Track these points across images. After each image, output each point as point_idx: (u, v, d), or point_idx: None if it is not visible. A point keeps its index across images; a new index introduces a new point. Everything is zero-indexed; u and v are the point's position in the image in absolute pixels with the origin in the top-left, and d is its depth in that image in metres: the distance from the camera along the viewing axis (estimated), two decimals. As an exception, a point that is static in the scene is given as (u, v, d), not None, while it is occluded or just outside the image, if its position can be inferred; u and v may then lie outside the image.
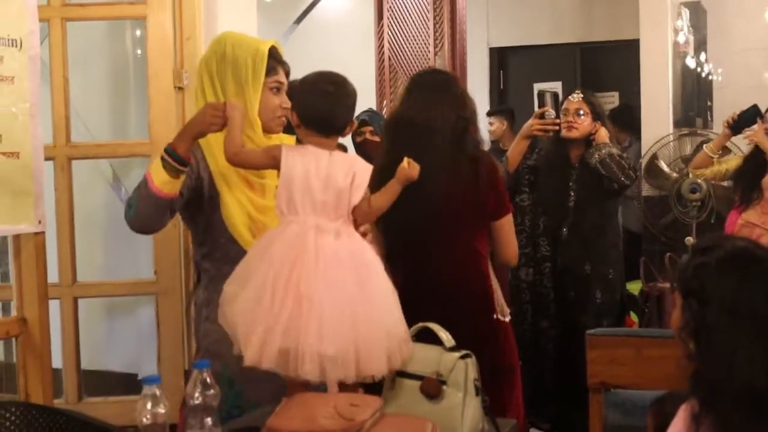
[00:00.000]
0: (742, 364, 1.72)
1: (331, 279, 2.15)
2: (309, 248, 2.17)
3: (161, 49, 3.95)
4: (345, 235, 2.24)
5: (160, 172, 2.46)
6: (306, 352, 2.09)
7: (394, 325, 2.22)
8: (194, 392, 1.91)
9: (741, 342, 1.73)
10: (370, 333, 2.15)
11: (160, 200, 2.48)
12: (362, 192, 2.27)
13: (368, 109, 5.12)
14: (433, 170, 2.80)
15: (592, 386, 3.43)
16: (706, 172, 5.10)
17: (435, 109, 2.98)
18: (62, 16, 3.90)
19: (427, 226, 2.97)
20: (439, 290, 2.95)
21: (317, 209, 2.24)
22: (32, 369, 3.15)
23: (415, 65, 6.84)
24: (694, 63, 7.27)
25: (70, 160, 3.96)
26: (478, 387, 2.22)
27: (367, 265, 2.23)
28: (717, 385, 1.73)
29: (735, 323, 1.75)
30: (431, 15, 6.79)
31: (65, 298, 4.01)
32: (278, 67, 2.65)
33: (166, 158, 2.46)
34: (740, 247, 1.85)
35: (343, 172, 2.26)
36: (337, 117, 2.35)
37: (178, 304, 4.03)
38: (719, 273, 1.80)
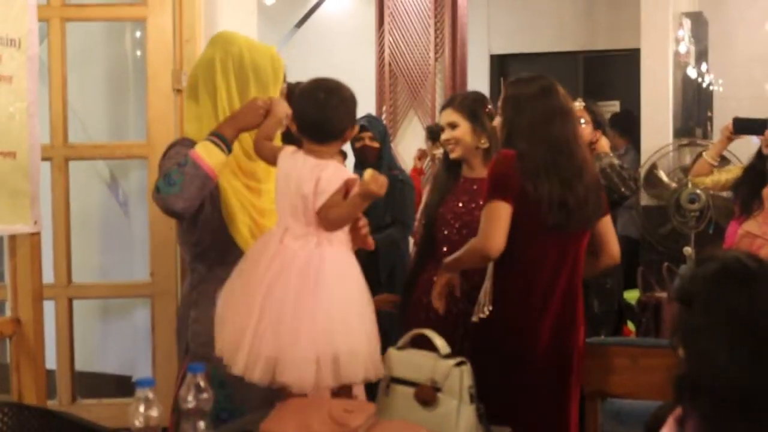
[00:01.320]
0: (724, 363, 1.73)
1: (278, 282, 2.17)
2: (270, 249, 2.20)
3: (160, 51, 3.94)
4: (313, 241, 2.23)
5: (215, 152, 2.45)
6: (239, 349, 2.17)
7: (336, 337, 2.17)
8: (187, 396, 1.90)
9: (722, 342, 1.74)
10: (298, 342, 2.13)
11: (209, 180, 2.47)
12: (323, 198, 2.23)
13: (367, 115, 5.10)
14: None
15: (589, 395, 3.43)
16: (706, 181, 5.07)
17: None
18: (62, 16, 3.89)
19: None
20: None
21: (292, 213, 2.26)
22: (26, 370, 3.14)
23: (416, 70, 6.84)
24: (694, 73, 7.27)
25: (67, 160, 3.95)
26: (473, 395, 2.21)
27: (319, 274, 2.19)
28: (699, 385, 1.74)
29: (716, 324, 1.76)
30: (432, 21, 6.80)
31: (60, 298, 4.00)
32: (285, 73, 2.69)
33: (217, 141, 2.47)
34: (732, 257, 1.85)
35: (308, 177, 2.24)
36: (330, 124, 2.32)
37: (173, 306, 4.01)
38: (705, 278, 1.82)
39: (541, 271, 3.05)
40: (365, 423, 1.93)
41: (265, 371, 2.13)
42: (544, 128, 3.03)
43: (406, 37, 6.82)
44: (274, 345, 2.13)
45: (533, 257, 3.05)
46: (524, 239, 3.02)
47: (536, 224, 3.01)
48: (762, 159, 4.64)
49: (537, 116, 3.04)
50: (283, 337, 2.14)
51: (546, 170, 2.99)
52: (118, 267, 4.43)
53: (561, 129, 3.05)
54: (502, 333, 3.03)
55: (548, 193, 2.98)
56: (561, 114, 3.08)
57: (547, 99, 3.08)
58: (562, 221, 3.02)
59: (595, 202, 3.11)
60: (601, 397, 3.49)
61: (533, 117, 3.04)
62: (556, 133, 3.04)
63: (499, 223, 2.96)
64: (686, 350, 1.81)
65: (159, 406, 1.83)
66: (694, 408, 1.75)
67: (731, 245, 4.59)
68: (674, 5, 6.84)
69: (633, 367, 3.32)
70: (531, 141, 3.01)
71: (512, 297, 3.06)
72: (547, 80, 3.17)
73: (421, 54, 6.82)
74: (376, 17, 6.96)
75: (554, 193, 2.98)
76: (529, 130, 3.03)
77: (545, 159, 3.00)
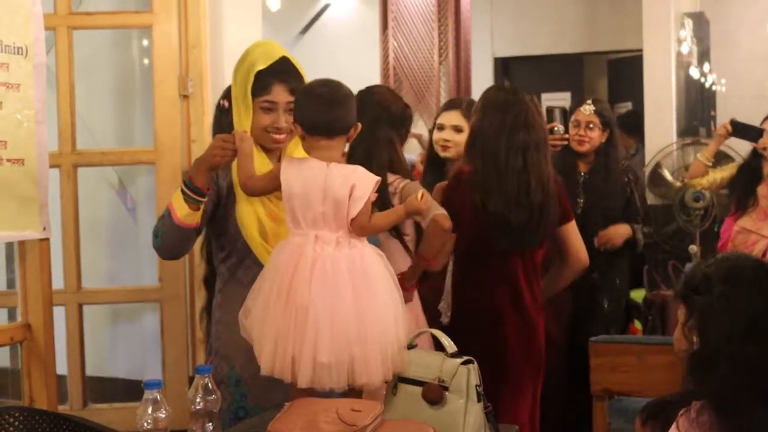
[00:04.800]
0: (741, 345, 1.78)
1: (328, 288, 2.16)
2: (307, 258, 2.19)
3: (167, 58, 3.98)
4: (346, 245, 2.24)
5: (182, 206, 2.51)
6: (300, 360, 2.11)
7: (389, 333, 2.21)
8: (196, 397, 1.93)
9: (739, 326, 1.80)
10: (364, 342, 2.15)
11: (183, 231, 2.55)
12: (361, 204, 2.24)
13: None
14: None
15: (596, 393, 3.43)
16: (703, 182, 5.10)
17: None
18: (69, 24, 3.93)
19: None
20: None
21: (318, 221, 2.24)
22: (36, 375, 3.17)
23: (420, 74, 6.86)
24: (697, 73, 7.28)
25: (75, 167, 3.99)
26: (480, 393, 2.22)
27: (366, 273, 2.22)
28: (713, 366, 1.79)
29: (734, 309, 1.82)
30: (436, 24, 6.81)
31: (70, 304, 4.03)
32: (272, 86, 2.62)
33: (186, 191, 2.51)
34: (743, 255, 1.94)
35: (339, 183, 2.25)
36: (337, 117, 2.33)
37: (182, 310, 4.05)
38: (724, 269, 1.89)
39: (495, 288, 3.21)
40: (373, 422, 1.95)
41: (337, 377, 2.14)
42: (501, 138, 3.12)
43: (410, 41, 6.83)
44: (341, 349, 2.14)
45: (487, 276, 3.21)
46: (478, 259, 3.19)
47: (486, 246, 3.16)
48: (757, 156, 4.68)
49: (496, 126, 3.13)
50: (349, 339, 2.15)
51: (494, 183, 3.11)
52: (127, 272, 4.46)
53: (518, 141, 3.13)
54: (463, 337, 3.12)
55: (494, 209, 3.10)
56: (522, 127, 3.15)
57: (508, 111, 3.16)
58: (506, 245, 3.17)
59: (546, 218, 3.21)
60: (609, 395, 3.50)
61: (493, 126, 3.14)
62: (514, 143, 3.12)
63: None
64: (702, 334, 1.86)
65: (167, 408, 1.85)
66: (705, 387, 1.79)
67: (727, 241, 4.64)
68: (675, 6, 6.85)
69: (640, 364, 3.32)
70: (486, 151, 3.13)
71: (470, 309, 3.22)
72: (514, 92, 3.28)
73: (425, 57, 6.83)
74: (379, 21, 6.98)
75: (498, 210, 3.10)
76: (489, 139, 3.13)
77: (495, 171, 3.11)
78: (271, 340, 2.15)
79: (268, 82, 2.61)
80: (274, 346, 2.15)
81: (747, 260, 1.96)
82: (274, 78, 2.61)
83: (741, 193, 4.71)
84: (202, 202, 2.53)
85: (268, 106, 2.61)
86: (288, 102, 2.60)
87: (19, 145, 2.99)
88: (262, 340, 2.18)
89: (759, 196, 4.58)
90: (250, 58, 2.64)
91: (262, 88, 2.60)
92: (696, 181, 5.15)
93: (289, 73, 2.64)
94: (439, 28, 6.87)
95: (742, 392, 1.75)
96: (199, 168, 2.54)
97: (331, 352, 2.11)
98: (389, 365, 2.19)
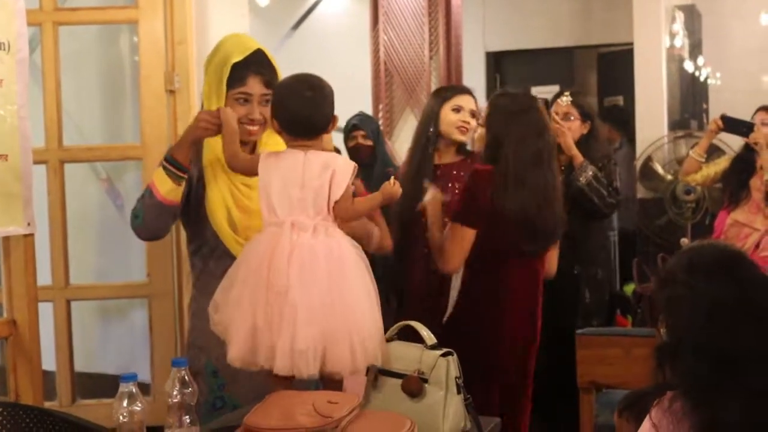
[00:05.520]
0: (704, 329, 1.79)
1: (305, 274, 2.16)
2: (284, 246, 2.19)
3: (153, 53, 3.97)
4: (322, 232, 2.25)
5: (165, 181, 2.53)
6: (278, 347, 2.12)
7: (364, 322, 2.21)
8: (173, 390, 1.93)
9: (702, 309, 1.82)
10: (335, 330, 2.16)
11: (165, 207, 2.57)
12: (342, 189, 2.25)
13: (359, 113, 5.12)
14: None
15: (582, 386, 3.45)
16: (697, 177, 5.11)
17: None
18: (54, 20, 3.92)
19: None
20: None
21: (294, 208, 2.25)
22: (22, 371, 3.16)
23: (411, 69, 6.85)
24: (689, 66, 7.28)
25: (62, 163, 3.98)
26: (460, 385, 2.23)
27: (342, 261, 2.23)
28: (679, 352, 1.81)
29: (695, 294, 1.85)
30: (426, 19, 6.81)
31: (58, 300, 4.03)
32: (247, 78, 2.62)
33: (167, 166, 2.52)
34: (702, 245, 1.96)
35: (318, 169, 2.26)
36: (319, 120, 2.34)
37: (170, 306, 4.05)
38: (685, 257, 1.91)
39: (510, 291, 3.23)
40: (349, 414, 1.95)
41: (313, 364, 2.14)
42: (528, 142, 3.16)
43: (401, 35, 6.82)
44: (317, 336, 2.15)
45: (503, 277, 3.22)
46: (495, 260, 3.19)
47: (507, 247, 3.18)
48: (749, 150, 4.69)
49: (523, 129, 3.17)
50: (325, 326, 2.15)
51: (521, 183, 3.13)
52: (116, 268, 4.46)
53: (543, 144, 3.19)
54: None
55: (520, 209, 3.12)
56: (544, 130, 3.23)
57: (532, 114, 3.22)
58: (531, 247, 3.21)
59: (561, 221, 3.28)
60: (595, 387, 3.51)
61: (520, 130, 3.16)
62: (539, 146, 3.17)
63: (461, 245, 3.17)
64: (668, 321, 1.88)
65: (142, 402, 1.85)
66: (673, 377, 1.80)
67: (720, 234, 4.65)
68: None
69: (626, 357, 3.34)
70: (515, 153, 3.14)
71: (480, 308, 3.22)
72: (531, 97, 3.35)
73: (415, 52, 6.83)
74: (370, 16, 6.98)
75: (526, 209, 3.12)
76: (515, 143, 3.15)
77: (524, 171, 3.14)
78: (247, 330, 2.15)
79: (243, 74, 2.61)
80: (250, 335, 2.15)
81: (710, 248, 1.97)
82: (249, 70, 2.62)
83: (734, 187, 4.73)
84: (183, 177, 2.55)
85: (244, 98, 2.62)
86: (263, 94, 2.61)
87: (3, 141, 2.98)
88: (237, 330, 2.18)
89: (752, 189, 4.59)
90: (224, 50, 2.65)
91: (238, 80, 2.61)
92: (690, 177, 5.16)
93: (264, 65, 2.66)
94: (429, 22, 6.87)
95: (709, 379, 1.76)
96: (182, 142, 2.58)
97: (307, 338, 2.12)
98: (360, 356, 2.19)
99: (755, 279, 1.87)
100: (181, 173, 2.54)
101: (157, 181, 2.56)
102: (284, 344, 2.12)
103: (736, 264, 1.89)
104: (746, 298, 1.82)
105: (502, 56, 9.26)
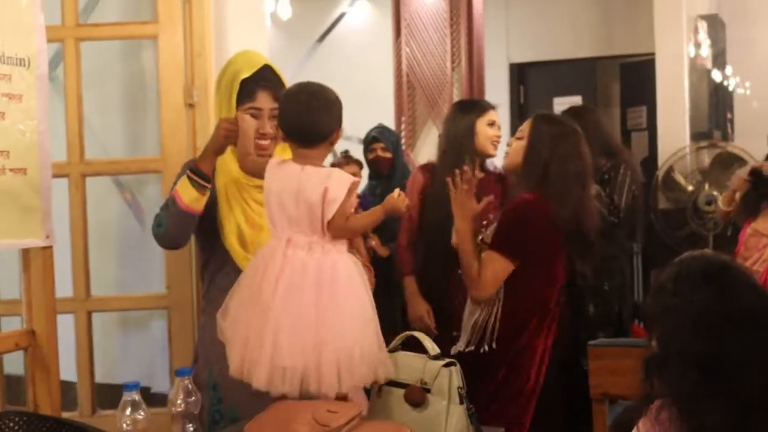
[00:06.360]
0: (691, 339, 1.81)
1: (294, 292, 2.19)
2: (276, 260, 2.22)
3: (172, 67, 4.02)
4: (318, 250, 2.26)
5: (189, 190, 2.59)
6: (259, 362, 2.14)
7: (354, 344, 2.22)
8: (176, 399, 1.96)
9: (689, 320, 1.83)
10: (319, 351, 2.17)
11: (188, 216, 2.63)
12: (336, 206, 2.26)
13: (378, 125, 5.16)
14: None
15: (595, 397, 3.44)
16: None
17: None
18: (76, 36, 3.98)
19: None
20: None
21: (292, 224, 2.28)
22: (41, 381, 3.21)
23: (433, 81, 6.88)
24: (716, 76, 7.25)
25: (83, 176, 4.04)
26: (462, 395, 2.25)
27: (334, 282, 2.23)
28: (667, 363, 1.82)
29: (682, 305, 1.86)
30: (448, 31, 6.84)
31: (79, 312, 4.08)
32: (256, 93, 2.68)
33: (192, 176, 2.58)
34: (694, 255, 1.97)
35: (312, 186, 2.28)
36: (314, 126, 2.35)
37: (189, 317, 4.09)
38: (674, 269, 1.93)
39: (545, 314, 3.40)
40: (348, 423, 1.98)
41: (291, 382, 2.17)
42: (572, 162, 3.31)
43: (423, 47, 6.86)
44: (299, 355, 2.17)
45: (543, 304, 3.39)
46: (537, 289, 3.35)
47: (549, 274, 3.38)
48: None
49: (569, 150, 3.31)
50: (307, 346, 2.18)
51: (570, 199, 3.26)
52: (136, 280, 4.51)
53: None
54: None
55: (572, 221, 3.28)
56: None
57: (574, 137, 3.36)
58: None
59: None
60: (609, 399, 3.50)
61: (566, 150, 3.30)
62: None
63: (494, 274, 3.22)
64: (657, 332, 1.90)
65: (146, 410, 1.89)
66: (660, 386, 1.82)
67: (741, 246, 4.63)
68: (688, 8, 6.84)
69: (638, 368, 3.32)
70: (565, 172, 3.28)
71: (514, 337, 3.30)
72: (569, 122, 3.49)
73: (438, 64, 6.86)
74: (392, 28, 7.02)
75: (579, 222, 3.29)
76: (562, 162, 3.28)
77: (572, 188, 3.28)
78: (240, 342, 2.19)
79: (252, 89, 2.67)
80: (243, 347, 2.18)
81: (698, 259, 1.99)
82: (258, 85, 2.68)
83: (752, 198, 4.70)
84: (207, 187, 2.62)
85: (253, 113, 2.67)
86: (272, 108, 2.66)
87: (21, 155, 3.04)
88: (233, 342, 2.22)
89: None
90: (233, 67, 2.71)
91: (247, 96, 2.66)
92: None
93: (273, 80, 2.71)
94: (451, 34, 6.90)
95: (695, 387, 1.77)
96: (206, 153, 2.66)
97: (289, 356, 2.14)
98: (347, 379, 2.19)
99: (742, 288, 1.89)
100: (205, 183, 2.60)
101: (181, 190, 2.61)
102: (264, 360, 2.14)
103: (724, 273, 1.91)
104: (732, 307, 1.84)
105: (525, 67, 9.27)
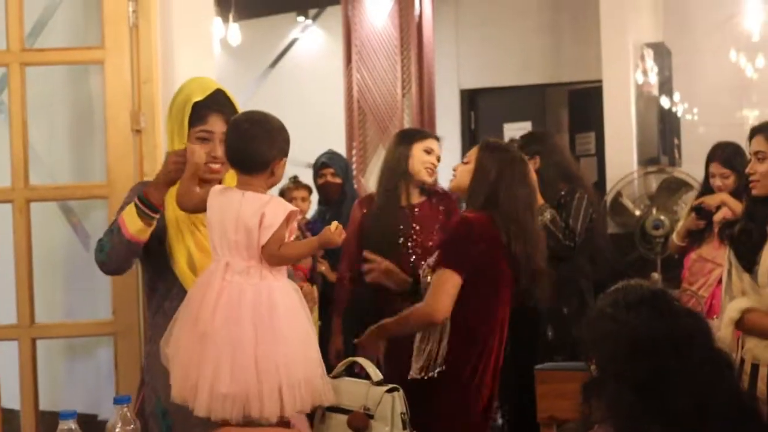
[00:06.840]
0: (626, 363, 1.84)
1: (232, 318, 2.19)
2: (214, 286, 2.22)
3: (119, 92, 4.01)
4: (256, 275, 2.26)
5: (136, 220, 2.57)
6: (199, 388, 2.13)
7: (295, 368, 2.22)
8: (115, 428, 1.95)
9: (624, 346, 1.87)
10: (261, 377, 2.17)
11: (133, 245, 2.62)
12: (270, 232, 2.27)
13: (328, 151, 5.18)
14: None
15: (542, 421, 3.47)
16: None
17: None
18: (21, 61, 3.96)
19: None
20: None
21: (231, 249, 2.28)
22: (-19, 409, 3.17)
23: (384, 107, 6.92)
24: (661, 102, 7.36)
25: (28, 202, 4.00)
26: (405, 420, 2.26)
27: (272, 307, 2.24)
28: (604, 385, 1.85)
29: (618, 331, 1.90)
30: (399, 58, 6.88)
31: (23, 339, 4.02)
32: (208, 116, 2.68)
33: (140, 206, 2.55)
34: (630, 283, 2.02)
35: (251, 212, 2.29)
36: (253, 154, 2.36)
37: (136, 343, 4.04)
38: (609, 298, 1.97)
39: (493, 334, 3.33)
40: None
41: (232, 408, 2.15)
42: (521, 188, 3.33)
43: (374, 73, 6.90)
44: (239, 381, 2.16)
45: (489, 322, 3.32)
46: (483, 307, 3.30)
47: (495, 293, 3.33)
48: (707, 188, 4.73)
49: (517, 176, 3.32)
50: (247, 371, 2.17)
51: (523, 226, 3.28)
52: (82, 306, 4.46)
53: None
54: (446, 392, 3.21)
55: (523, 252, 3.29)
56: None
57: (522, 164, 3.39)
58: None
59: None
60: (556, 422, 3.53)
61: (513, 176, 3.31)
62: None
63: (447, 291, 3.17)
64: (594, 356, 1.93)
65: (82, 439, 1.87)
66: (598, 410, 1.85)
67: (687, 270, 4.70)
68: (635, 37, 6.95)
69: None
70: (514, 198, 3.29)
71: (465, 358, 3.24)
72: (513, 148, 3.56)
73: (388, 90, 6.91)
74: (344, 55, 7.05)
75: (528, 251, 3.29)
76: (510, 188, 3.29)
77: (523, 214, 3.30)
78: (181, 367, 2.18)
79: (204, 113, 2.68)
80: (184, 372, 2.17)
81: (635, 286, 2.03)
82: (210, 109, 2.69)
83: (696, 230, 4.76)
84: (155, 218, 2.59)
85: (205, 136, 2.68)
86: (224, 132, 2.65)
87: (-37, 181, 3.01)
88: (173, 367, 2.20)
89: (714, 224, 4.62)
90: (186, 91, 2.71)
91: (199, 119, 2.67)
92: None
93: (225, 104, 2.71)
94: (402, 60, 6.94)
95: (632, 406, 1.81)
96: (157, 183, 2.63)
97: (230, 383, 2.13)
98: (289, 404, 2.19)
99: (677, 312, 1.93)
100: (153, 213, 2.58)
101: (127, 219, 2.59)
102: (204, 386, 2.14)
103: (659, 299, 1.95)
104: (666, 328, 1.87)
105: (476, 93, 9.34)
